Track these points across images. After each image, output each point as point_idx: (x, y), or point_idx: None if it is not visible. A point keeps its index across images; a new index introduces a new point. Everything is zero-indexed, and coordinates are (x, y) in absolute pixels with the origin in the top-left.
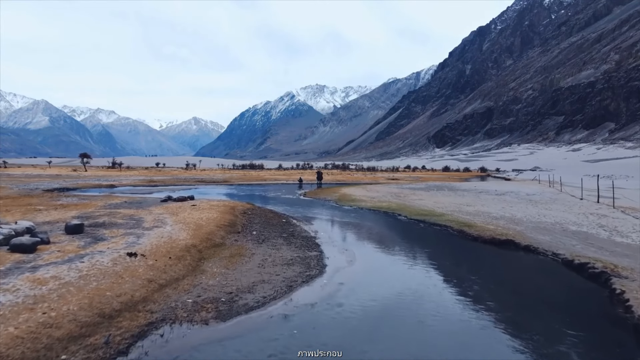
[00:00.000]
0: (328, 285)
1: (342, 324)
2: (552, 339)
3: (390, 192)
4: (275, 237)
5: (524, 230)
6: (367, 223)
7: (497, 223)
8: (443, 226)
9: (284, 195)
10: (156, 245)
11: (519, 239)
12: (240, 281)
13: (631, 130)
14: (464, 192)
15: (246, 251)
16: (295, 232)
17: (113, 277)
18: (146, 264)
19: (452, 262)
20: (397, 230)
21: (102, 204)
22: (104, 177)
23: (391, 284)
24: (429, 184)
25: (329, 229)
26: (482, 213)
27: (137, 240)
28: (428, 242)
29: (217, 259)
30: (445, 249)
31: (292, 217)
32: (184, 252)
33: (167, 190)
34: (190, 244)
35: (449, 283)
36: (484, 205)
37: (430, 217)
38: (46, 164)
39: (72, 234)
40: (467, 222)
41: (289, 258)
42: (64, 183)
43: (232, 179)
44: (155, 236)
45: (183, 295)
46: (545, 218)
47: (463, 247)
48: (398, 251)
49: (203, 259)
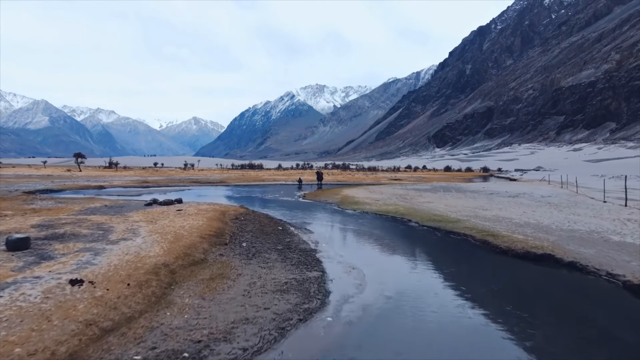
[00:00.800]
0: (333, 325)
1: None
2: None
3: (395, 194)
4: (269, 250)
5: (559, 241)
6: (375, 231)
7: (524, 231)
8: (462, 235)
9: (282, 198)
10: (115, 265)
11: (559, 252)
12: (216, 320)
13: (632, 130)
14: (474, 194)
15: (231, 271)
16: (292, 244)
17: (35, 321)
18: (92, 295)
19: (487, 286)
20: (410, 241)
21: (78, 208)
22: (96, 178)
23: (415, 323)
24: (434, 184)
25: (331, 238)
26: (502, 219)
27: (93, 259)
28: (450, 257)
29: (193, 282)
30: (473, 267)
31: (290, 224)
32: (151, 274)
33: (159, 191)
34: (161, 262)
35: (493, 321)
36: (502, 209)
37: (445, 224)
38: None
39: (12, 251)
40: (489, 231)
41: (283, 281)
42: (51, 184)
43: (229, 180)
44: (119, 253)
45: (131, 347)
46: (577, 225)
47: (493, 263)
48: (416, 270)
49: (174, 284)
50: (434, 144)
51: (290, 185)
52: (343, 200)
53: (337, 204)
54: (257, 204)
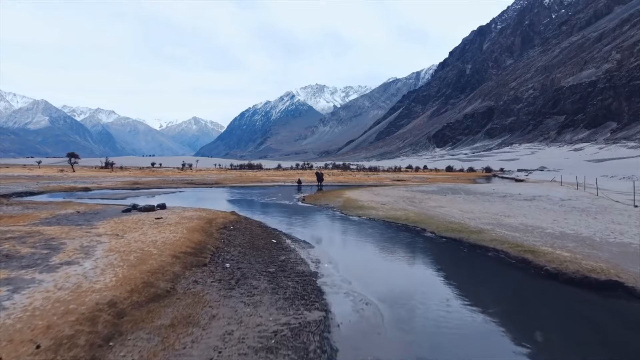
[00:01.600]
0: None
1: None
2: None
3: (401, 197)
4: (257, 275)
5: (615, 260)
6: (386, 244)
7: (565, 246)
8: (492, 250)
9: (280, 201)
10: (35, 309)
11: (627, 279)
12: None
13: (633, 129)
14: (486, 197)
15: (203, 309)
16: (287, 263)
17: None
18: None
19: (548, 332)
20: (431, 259)
21: (44, 215)
22: (87, 179)
23: None
24: (440, 186)
25: (335, 255)
26: (532, 228)
27: (7, 299)
28: (487, 285)
29: (145, 332)
30: (521, 300)
31: (286, 235)
32: (83, 324)
33: (148, 194)
34: (107, 299)
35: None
36: (526, 215)
37: (468, 235)
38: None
39: None
40: (524, 246)
41: (271, 329)
42: (34, 186)
43: (225, 181)
44: (50, 287)
45: None
46: (624, 237)
47: (544, 293)
48: (449, 307)
49: (116, 337)
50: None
51: (289, 186)
52: (346, 204)
53: (339, 209)
54: (251, 209)
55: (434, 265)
